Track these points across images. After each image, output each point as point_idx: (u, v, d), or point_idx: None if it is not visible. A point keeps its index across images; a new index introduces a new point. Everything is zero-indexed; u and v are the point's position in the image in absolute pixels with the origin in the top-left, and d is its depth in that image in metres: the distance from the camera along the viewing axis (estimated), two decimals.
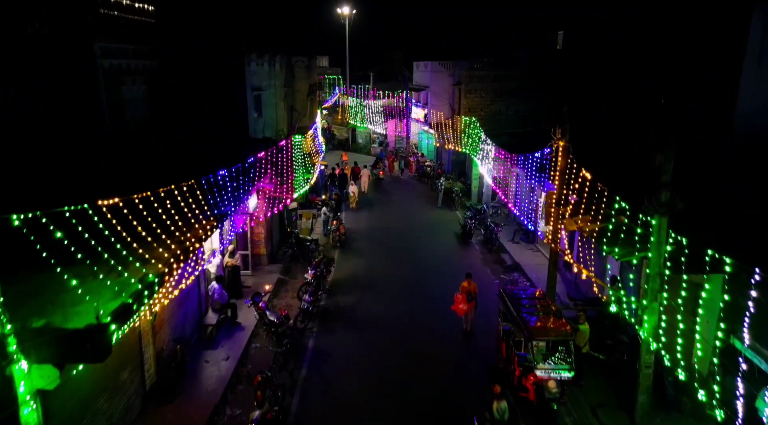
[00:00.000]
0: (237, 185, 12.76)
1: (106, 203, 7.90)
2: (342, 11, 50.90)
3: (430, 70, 34.74)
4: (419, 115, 36.98)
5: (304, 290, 15.15)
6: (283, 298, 15.82)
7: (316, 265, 16.02)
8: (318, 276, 15.42)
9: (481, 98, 28.65)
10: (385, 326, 14.23)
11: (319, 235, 22.16)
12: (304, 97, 33.43)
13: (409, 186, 31.44)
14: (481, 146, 23.29)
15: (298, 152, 18.67)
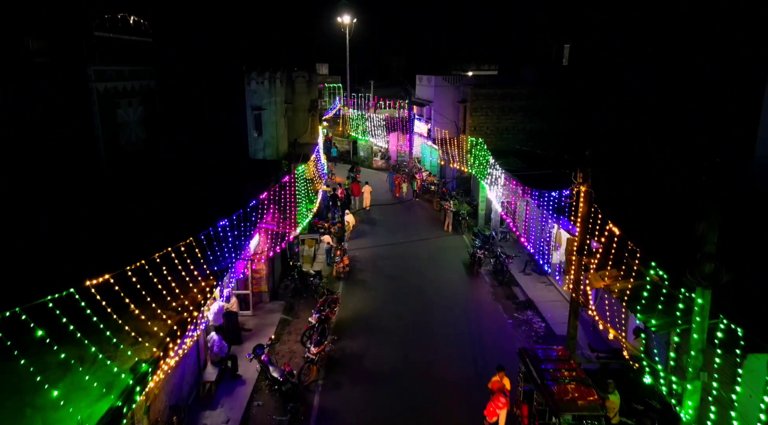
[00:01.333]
0: (237, 232, 11.97)
1: (90, 284, 7.12)
2: (342, 20, 50.22)
3: (434, 85, 33.95)
4: (422, 129, 36.19)
5: (307, 335, 14.36)
6: (286, 343, 15.03)
7: (320, 307, 15.23)
8: (322, 320, 14.63)
9: (487, 117, 27.90)
10: (393, 378, 13.41)
11: (321, 263, 21.37)
12: (305, 113, 32.67)
13: (414, 206, 30.63)
14: (489, 170, 22.50)
15: (300, 183, 17.85)
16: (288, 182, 15.82)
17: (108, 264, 9.13)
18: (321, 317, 14.64)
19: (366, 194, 31.92)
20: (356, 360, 14.18)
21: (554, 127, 27.69)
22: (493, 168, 21.82)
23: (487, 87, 27.79)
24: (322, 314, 14.78)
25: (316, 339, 13.47)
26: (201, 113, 25.12)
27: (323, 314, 14.81)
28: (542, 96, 27.67)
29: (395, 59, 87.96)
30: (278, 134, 29.74)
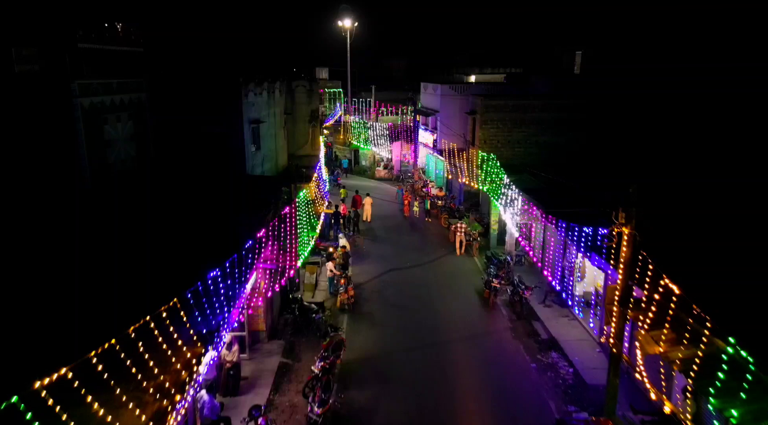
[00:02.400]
0: (231, 281, 10.45)
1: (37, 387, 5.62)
2: (343, 24, 48.76)
3: (440, 94, 32.45)
4: (427, 140, 34.70)
5: (310, 387, 12.84)
6: (286, 393, 13.49)
7: (323, 353, 13.70)
8: (327, 369, 13.11)
9: (498, 129, 26.40)
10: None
11: (324, 291, 19.85)
12: (306, 124, 31.17)
13: (420, 222, 29.08)
14: (504, 189, 20.99)
15: (302, 209, 16.32)
16: (288, 213, 14.29)
17: (67, 342, 7.69)
18: (325, 366, 13.12)
19: (367, 205, 30.46)
20: (366, 416, 12.65)
21: (570, 140, 26.19)
22: (509, 188, 20.31)
23: (498, 98, 26.29)
24: (327, 362, 13.26)
25: (320, 397, 11.94)
26: (195, 127, 23.62)
27: (327, 362, 13.29)
28: (557, 108, 26.16)
29: (396, 62, 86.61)
30: (277, 147, 28.24)
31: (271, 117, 27.12)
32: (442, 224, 27.69)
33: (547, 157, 26.23)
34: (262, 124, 25.39)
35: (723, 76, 23.69)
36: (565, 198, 17.40)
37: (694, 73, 25.26)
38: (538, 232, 20.20)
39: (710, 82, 23.40)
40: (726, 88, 22.41)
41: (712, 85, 23.18)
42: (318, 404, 11.77)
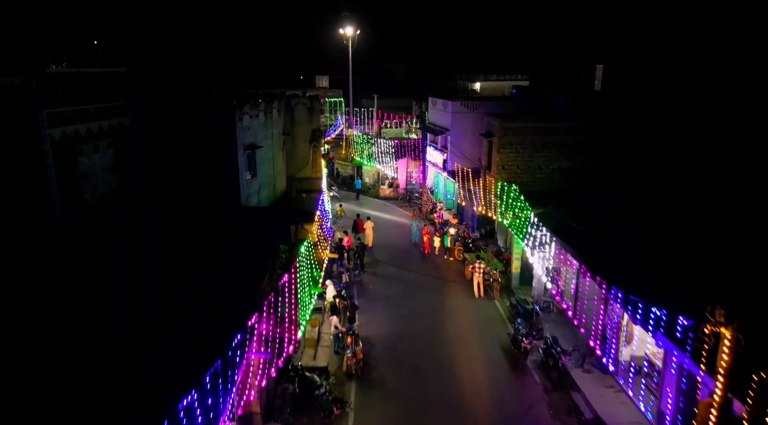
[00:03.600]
0: (213, 395, 8.09)
1: None
2: (345, 32, 46.49)
3: (451, 111, 30.11)
4: (437, 159, 32.35)
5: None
6: None
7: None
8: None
9: (517, 153, 24.10)
10: None
11: (327, 347, 17.47)
12: (306, 144, 28.82)
13: (430, 255, 26.63)
14: (529, 228, 18.66)
15: (303, 267, 13.95)
16: (288, 280, 11.92)
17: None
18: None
19: (368, 230, 28.24)
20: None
21: (594, 165, 23.89)
22: (537, 229, 17.97)
23: (517, 120, 23.95)
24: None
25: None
26: (183, 155, 21.27)
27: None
28: (581, 131, 23.83)
29: (397, 67, 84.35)
30: (275, 172, 25.88)
31: (268, 139, 24.77)
32: (456, 258, 25.29)
33: (570, 183, 23.95)
34: (258, 149, 23.05)
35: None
36: (611, 248, 15.04)
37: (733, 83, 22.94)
38: (570, 276, 17.85)
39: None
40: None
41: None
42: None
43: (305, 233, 17.09)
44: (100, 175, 19.10)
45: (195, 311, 10.97)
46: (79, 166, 18.05)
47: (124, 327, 9.98)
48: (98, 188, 19.06)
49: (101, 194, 19.20)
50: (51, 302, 11.84)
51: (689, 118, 22.52)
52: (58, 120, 16.98)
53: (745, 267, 9.50)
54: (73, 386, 10.24)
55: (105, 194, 19.42)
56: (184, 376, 7.58)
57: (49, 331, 10.24)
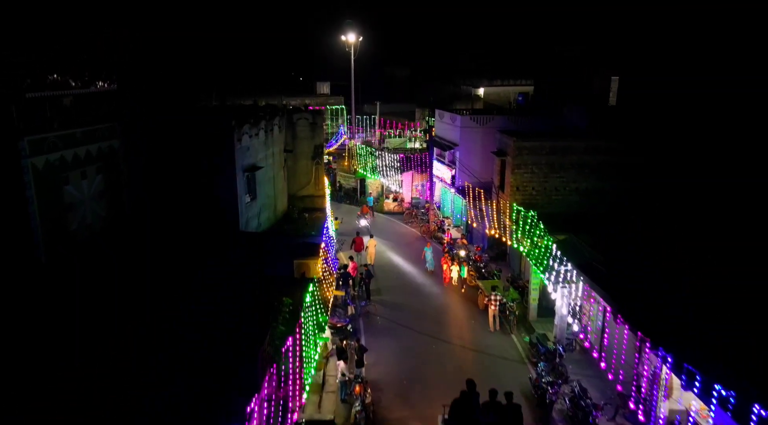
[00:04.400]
0: None
1: None
2: (347, 39, 45.19)
3: (460, 126, 28.79)
4: (444, 174, 31.01)
5: None
6: None
7: None
8: None
9: (532, 174, 22.76)
10: None
11: (333, 393, 16.10)
12: (308, 161, 27.44)
13: (439, 280, 25.19)
14: (552, 262, 17.32)
15: (308, 320, 12.59)
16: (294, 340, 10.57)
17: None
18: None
19: (371, 248, 27.04)
20: None
21: (615, 187, 22.57)
22: (561, 264, 16.62)
23: (533, 138, 22.60)
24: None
25: None
26: (178, 178, 19.93)
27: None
28: (602, 151, 22.50)
29: (399, 70, 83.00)
30: (276, 192, 24.55)
31: (269, 159, 23.44)
32: (468, 282, 23.91)
33: (588, 206, 22.63)
34: (258, 170, 21.71)
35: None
36: (645, 289, 13.68)
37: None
38: (596, 314, 16.50)
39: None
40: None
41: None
42: None
43: (309, 270, 15.74)
44: (87, 204, 17.76)
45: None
46: (65, 196, 16.71)
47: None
48: (86, 218, 17.72)
49: (89, 224, 17.86)
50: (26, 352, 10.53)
51: (709, 128, 21.21)
52: (40, 147, 15.63)
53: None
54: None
55: (93, 224, 18.09)
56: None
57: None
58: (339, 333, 18.49)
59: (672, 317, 12.09)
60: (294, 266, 15.72)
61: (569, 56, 71.86)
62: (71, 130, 16.83)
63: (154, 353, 10.36)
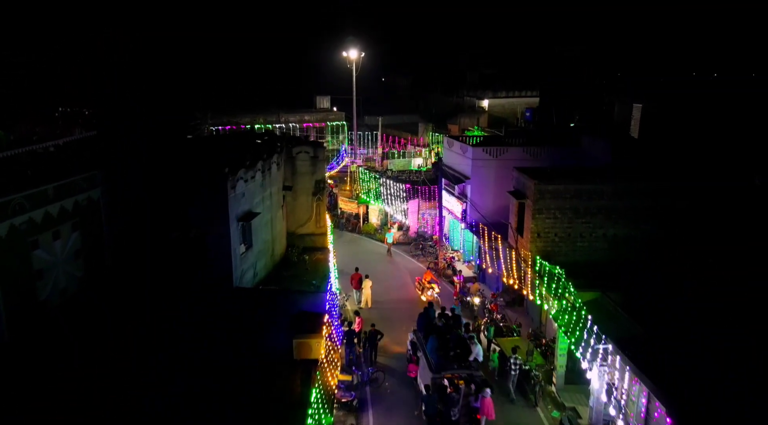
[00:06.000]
0: None
1: None
2: (348, 55, 43.26)
3: (471, 158, 26.85)
4: (453, 206, 29.04)
5: None
6: None
7: None
8: None
9: (555, 219, 20.79)
10: None
11: None
12: (309, 197, 25.48)
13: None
14: (586, 335, 15.33)
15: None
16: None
17: None
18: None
19: (366, 289, 25.27)
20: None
21: (645, 233, 20.65)
22: (598, 339, 14.64)
23: (555, 181, 20.61)
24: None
25: None
26: (165, 231, 17.95)
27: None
28: (633, 194, 20.55)
29: (402, 80, 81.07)
30: (274, 235, 22.58)
31: (266, 201, 21.49)
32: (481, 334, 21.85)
33: (617, 255, 20.69)
34: (255, 216, 19.74)
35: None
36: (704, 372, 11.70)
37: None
38: (637, 396, 14.49)
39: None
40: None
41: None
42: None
43: (311, 350, 13.75)
44: (61, 267, 15.77)
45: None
46: (33, 262, 14.73)
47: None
48: (59, 283, 15.73)
49: (62, 288, 15.88)
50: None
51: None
52: (3, 212, 13.63)
53: None
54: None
55: (67, 288, 16.10)
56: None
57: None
58: (343, 408, 16.50)
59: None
60: (294, 345, 13.72)
61: (569, 56, 70.27)
62: (41, 187, 14.86)
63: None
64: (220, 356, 13.58)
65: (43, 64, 44.54)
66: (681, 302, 15.74)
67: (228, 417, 11.09)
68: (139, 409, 10.94)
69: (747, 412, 11.60)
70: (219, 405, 11.43)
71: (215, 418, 11.06)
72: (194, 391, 11.87)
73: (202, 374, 12.67)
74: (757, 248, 16.76)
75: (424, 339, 18.18)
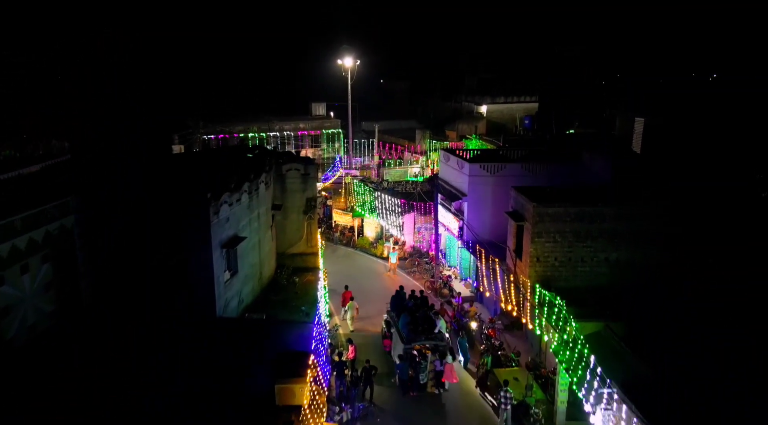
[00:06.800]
0: None
1: None
2: (343, 63, 42.37)
3: (468, 174, 25.92)
4: (450, 222, 28.10)
5: None
6: None
7: None
8: None
9: (555, 243, 19.88)
10: None
11: None
12: (300, 215, 24.56)
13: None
14: (588, 374, 14.40)
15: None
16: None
17: None
18: None
19: (352, 312, 24.59)
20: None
21: (648, 256, 19.78)
22: (601, 383, 13.70)
23: (555, 203, 19.69)
24: None
25: None
26: (142, 259, 16.99)
27: None
28: (632, 218, 19.64)
29: (399, 85, 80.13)
30: (262, 257, 21.63)
31: (253, 222, 20.54)
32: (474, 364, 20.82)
33: (620, 279, 19.80)
34: (240, 241, 18.77)
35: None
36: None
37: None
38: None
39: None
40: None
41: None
42: None
43: (294, 396, 12.81)
44: (29, 302, 14.81)
45: None
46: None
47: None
48: (27, 319, 14.77)
49: (31, 325, 14.90)
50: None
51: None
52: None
53: None
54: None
55: (37, 324, 15.13)
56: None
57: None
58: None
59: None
60: (276, 390, 12.78)
61: (569, 56, 69.43)
62: (7, 219, 13.90)
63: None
64: (194, 403, 12.63)
65: (42, 64, 43.79)
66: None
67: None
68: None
69: (747, 412, 11.81)
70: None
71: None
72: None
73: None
74: (757, 248, 16.24)
75: (396, 317, 21.14)
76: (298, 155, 25.24)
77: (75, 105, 39.27)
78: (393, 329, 21.29)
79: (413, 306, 21.63)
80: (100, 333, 15.37)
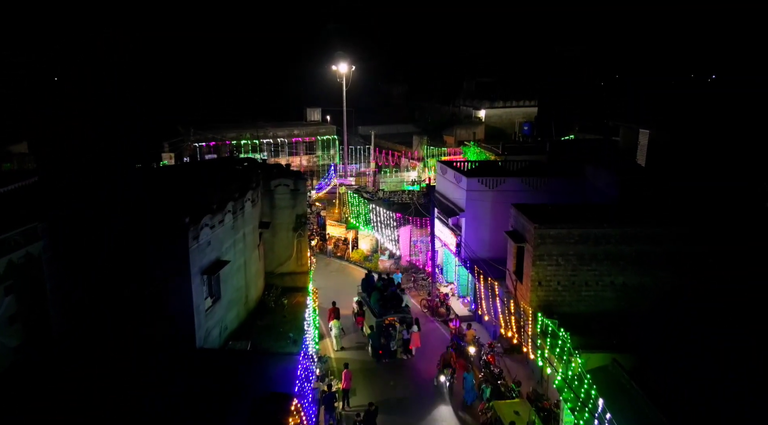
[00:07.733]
0: None
1: None
2: (338, 69, 41.28)
3: (466, 189, 24.78)
4: (447, 237, 27.00)
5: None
6: None
7: None
8: None
9: (557, 266, 18.75)
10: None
11: None
12: (289, 232, 23.41)
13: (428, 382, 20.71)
14: (595, 420, 13.28)
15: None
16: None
17: None
18: None
19: (335, 330, 23.75)
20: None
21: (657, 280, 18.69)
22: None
23: (558, 225, 18.53)
24: None
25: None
26: (119, 287, 15.84)
27: None
28: (639, 240, 18.52)
29: (396, 88, 79.01)
30: (248, 279, 20.46)
31: (238, 244, 19.37)
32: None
33: (626, 304, 18.71)
34: (223, 266, 17.61)
35: None
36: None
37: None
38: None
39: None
40: None
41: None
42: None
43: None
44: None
45: None
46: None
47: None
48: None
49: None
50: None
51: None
52: None
53: None
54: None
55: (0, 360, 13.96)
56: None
57: None
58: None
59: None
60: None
61: (569, 56, 68.35)
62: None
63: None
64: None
65: (42, 64, 42.74)
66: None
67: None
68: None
69: (747, 412, 11.91)
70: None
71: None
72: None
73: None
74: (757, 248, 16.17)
75: (368, 297, 24.00)
76: (288, 167, 24.01)
77: (74, 105, 38.20)
78: (365, 307, 24.12)
79: (382, 286, 24.56)
80: (71, 366, 14.23)
